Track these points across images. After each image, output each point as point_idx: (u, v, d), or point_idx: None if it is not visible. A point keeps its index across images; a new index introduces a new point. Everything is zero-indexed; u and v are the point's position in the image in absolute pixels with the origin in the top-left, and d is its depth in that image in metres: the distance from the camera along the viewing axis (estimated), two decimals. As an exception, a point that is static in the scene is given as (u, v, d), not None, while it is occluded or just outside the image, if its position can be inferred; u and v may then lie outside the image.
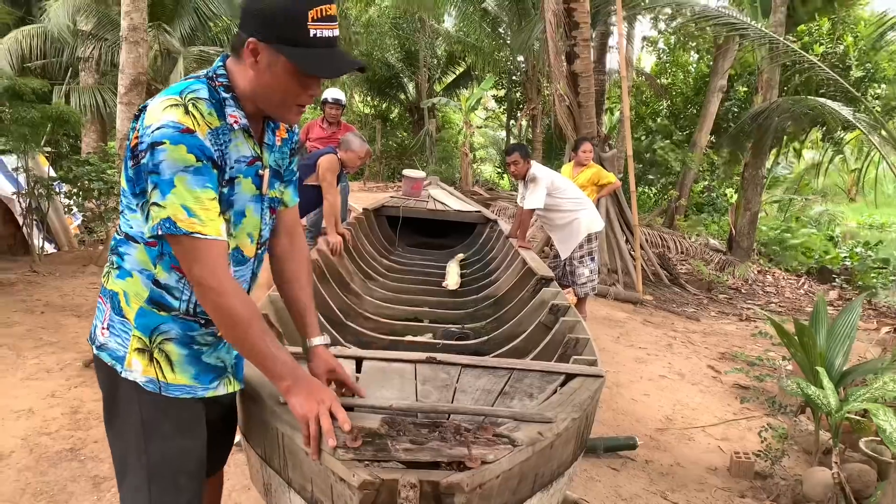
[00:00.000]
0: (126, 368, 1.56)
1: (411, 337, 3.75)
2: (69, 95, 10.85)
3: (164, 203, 1.38)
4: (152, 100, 1.45)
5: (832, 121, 9.44)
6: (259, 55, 1.45)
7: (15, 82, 6.33)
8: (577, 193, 5.75)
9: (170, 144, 1.36)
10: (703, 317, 7.74)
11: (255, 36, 1.43)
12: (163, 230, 1.39)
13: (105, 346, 1.59)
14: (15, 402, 3.61)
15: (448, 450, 1.46)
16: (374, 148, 21.60)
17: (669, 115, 17.10)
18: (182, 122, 1.39)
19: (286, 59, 1.43)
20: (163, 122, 1.37)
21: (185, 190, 1.38)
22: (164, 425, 1.59)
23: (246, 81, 1.51)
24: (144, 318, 1.56)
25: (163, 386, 1.57)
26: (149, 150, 1.37)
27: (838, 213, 18.19)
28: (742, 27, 9.12)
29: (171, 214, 1.38)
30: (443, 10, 18.28)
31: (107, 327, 1.60)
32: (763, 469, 3.52)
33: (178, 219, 1.38)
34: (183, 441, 1.62)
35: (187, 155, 1.38)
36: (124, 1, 8.36)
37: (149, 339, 1.56)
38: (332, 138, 6.49)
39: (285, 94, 1.49)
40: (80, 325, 5.03)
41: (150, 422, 1.58)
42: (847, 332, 3.55)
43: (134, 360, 1.56)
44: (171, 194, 1.38)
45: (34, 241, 7.02)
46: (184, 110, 1.40)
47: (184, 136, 1.38)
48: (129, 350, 1.56)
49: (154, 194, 1.39)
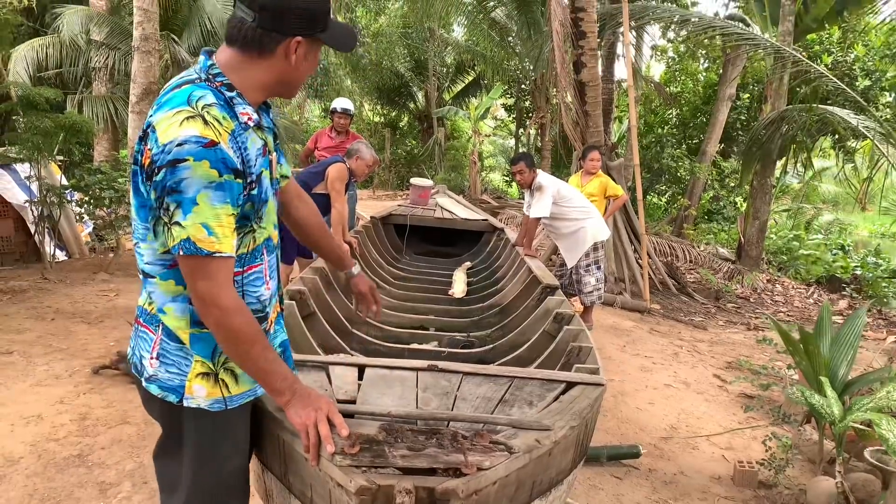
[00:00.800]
0: (187, 396, 1.53)
1: (416, 345, 3.77)
2: (82, 104, 10.99)
3: (185, 223, 1.36)
4: (157, 114, 1.41)
5: (842, 129, 9.41)
6: (298, 49, 1.52)
7: (29, 92, 6.42)
8: (583, 202, 5.76)
9: (194, 161, 1.34)
10: (711, 326, 7.72)
11: (299, 34, 1.50)
12: (184, 251, 1.38)
13: (155, 377, 1.55)
14: (24, 408, 3.65)
15: (444, 456, 1.49)
16: (383, 156, 21.71)
17: (678, 124, 17.09)
18: (204, 135, 1.37)
19: (322, 44, 1.58)
20: (184, 138, 1.34)
21: (207, 207, 1.37)
22: (221, 447, 1.60)
23: (268, 74, 1.53)
24: (201, 342, 1.54)
25: (228, 401, 1.58)
26: (168, 167, 1.34)
27: (849, 222, 18.08)
28: (750, 37, 9.13)
29: (191, 234, 1.36)
30: (452, 19, 18.37)
31: (157, 357, 1.55)
32: (767, 478, 3.51)
33: (198, 238, 1.37)
34: (235, 461, 1.65)
35: (210, 170, 1.36)
36: (136, 12, 8.48)
37: (212, 362, 1.56)
38: (341, 147, 6.54)
39: (308, 74, 1.61)
40: (89, 331, 5.08)
41: (207, 445, 1.59)
42: (851, 341, 3.55)
43: (196, 386, 1.54)
44: (192, 213, 1.36)
45: (45, 249, 7.11)
46: (202, 121, 1.38)
47: (207, 151, 1.36)
48: (190, 377, 1.54)
49: (176, 213, 1.36)
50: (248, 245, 1.59)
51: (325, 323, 3.47)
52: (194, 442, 1.58)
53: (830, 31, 13.10)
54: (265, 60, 1.51)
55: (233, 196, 1.43)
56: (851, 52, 13.16)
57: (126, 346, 4.45)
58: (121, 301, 6.01)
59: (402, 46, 21.09)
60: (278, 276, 1.77)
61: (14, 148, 6.87)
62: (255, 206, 1.55)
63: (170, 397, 1.54)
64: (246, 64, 1.52)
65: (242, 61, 1.52)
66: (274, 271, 1.71)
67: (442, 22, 18.55)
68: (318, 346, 3.08)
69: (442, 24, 19.27)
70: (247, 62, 1.52)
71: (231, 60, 1.52)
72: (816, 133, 11.27)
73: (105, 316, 5.53)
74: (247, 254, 1.59)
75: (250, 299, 1.60)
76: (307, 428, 1.48)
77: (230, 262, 1.45)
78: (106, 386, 4.04)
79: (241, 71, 1.52)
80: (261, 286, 1.63)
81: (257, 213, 1.58)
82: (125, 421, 3.59)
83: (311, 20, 1.51)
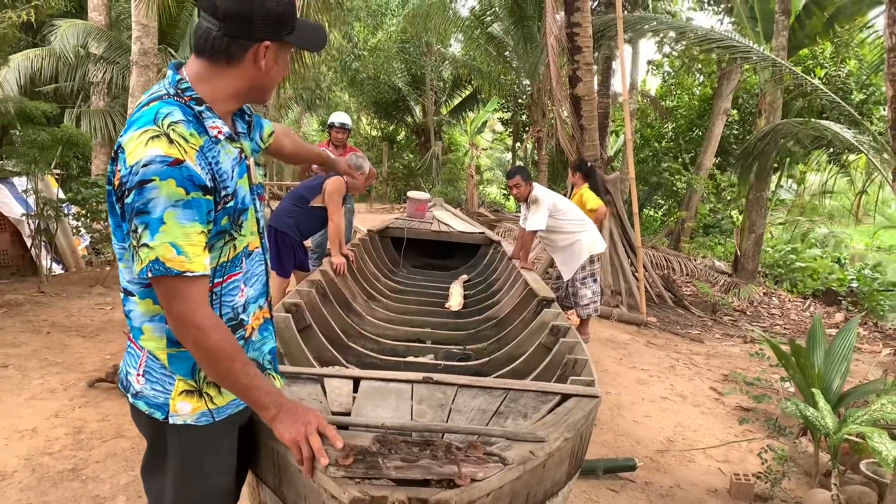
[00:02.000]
0: (172, 414, 1.53)
1: (413, 358, 3.77)
2: (80, 118, 11.02)
3: (153, 244, 1.35)
4: (126, 134, 1.40)
5: (837, 143, 9.47)
6: (268, 54, 1.51)
7: (26, 105, 6.44)
8: (579, 215, 5.79)
9: (160, 181, 1.34)
10: (707, 339, 7.72)
11: (267, 38, 1.49)
12: (152, 272, 1.37)
13: (141, 394, 1.56)
14: (19, 422, 3.64)
15: (438, 468, 1.49)
16: (380, 170, 21.77)
17: (674, 138, 17.18)
18: (168, 153, 1.36)
19: (292, 46, 1.57)
20: (149, 158, 1.34)
21: (174, 225, 1.36)
22: (203, 465, 1.60)
23: (239, 82, 1.53)
24: (179, 361, 1.54)
25: (215, 413, 1.58)
26: (137, 188, 1.34)
27: (845, 235, 18.14)
28: (744, 50, 9.20)
29: (160, 255, 1.35)
30: (449, 34, 18.50)
31: (143, 374, 1.55)
32: (763, 491, 3.51)
33: (166, 258, 1.36)
34: (219, 479, 1.64)
35: (177, 189, 1.35)
36: (135, 26, 8.54)
37: (193, 379, 1.55)
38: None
39: (280, 77, 1.60)
40: (85, 345, 5.08)
41: (191, 463, 1.58)
42: (844, 354, 3.56)
43: (180, 404, 1.54)
44: (159, 233, 1.35)
45: (42, 262, 7.10)
46: (167, 140, 1.37)
47: (172, 170, 1.35)
48: (174, 396, 1.54)
49: (144, 235, 1.35)
50: (228, 254, 1.57)
51: (321, 336, 3.47)
52: (179, 458, 1.58)
53: (823, 47, 13.21)
54: (234, 69, 1.51)
55: (201, 214, 1.41)
56: (844, 66, 13.27)
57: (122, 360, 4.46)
58: (117, 314, 6.00)
59: (399, 61, 21.20)
60: (266, 282, 1.76)
61: (11, 161, 6.88)
62: (231, 218, 1.54)
63: (156, 414, 1.55)
64: (216, 74, 1.51)
65: (212, 71, 1.51)
66: (252, 277, 1.68)
67: (440, 37, 18.68)
68: (313, 359, 3.09)
69: (440, 40, 19.41)
70: (216, 72, 1.51)
71: (201, 71, 1.51)
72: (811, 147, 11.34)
73: (101, 329, 5.52)
74: (227, 263, 1.57)
75: (225, 308, 1.58)
76: (298, 444, 1.46)
77: (203, 280, 1.43)
78: (101, 399, 4.03)
79: (211, 81, 1.51)
80: (236, 295, 1.61)
81: (236, 223, 1.57)
82: (120, 434, 3.58)
83: (277, 23, 1.50)
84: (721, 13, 15.65)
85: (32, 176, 6.66)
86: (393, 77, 21.47)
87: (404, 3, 20.79)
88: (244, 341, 1.64)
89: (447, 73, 22.77)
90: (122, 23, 12.71)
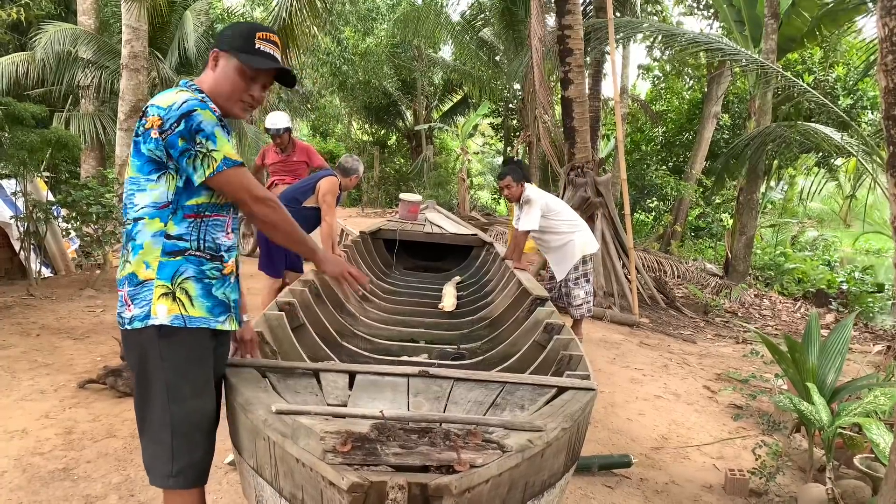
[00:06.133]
0: (152, 317, 1.86)
1: (407, 357, 3.75)
2: (69, 122, 10.95)
3: (217, 148, 1.84)
4: (153, 99, 1.88)
5: (826, 146, 9.54)
6: (219, 60, 1.99)
7: (15, 107, 6.38)
8: (572, 215, 5.79)
9: (201, 110, 1.83)
10: (700, 339, 7.74)
11: (219, 47, 1.99)
12: (226, 166, 1.86)
13: (134, 317, 1.88)
14: (9, 423, 3.59)
15: (437, 454, 1.48)
16: (372, 174, 21.75)
17: (664, 142, 17.26)
18: (198, 98, 1.88)
19: (237, 60, 1.96)
20: (185, 98, 1.84)
21: (222, 138, 1.87)
22: (184, 387, 1.90)
23: (209, 83, 1.99)
24: (166, 268, 1.89)
25: (186, 319, 1.89)
26: (183, 118, 1.81)
27: (834, 238, 18.27)
28: (733, 53, 9.26)
29: (226, 154, 1.86)
30: (440, 39, 18.52)
31: (130, 301, 1.90)
32: (758, 486, 3.51)
33: (230, 154, 1.87)
34: (200, 402, 1.94)
35: (213, 117, 1.87)
36: (125, 29, 8.50)
37: (171, 282, 1.89)
38: (288, 162, 6.45)
39: (233, 88, 1.98)
40: (75, 347, 5.02)
41: (174, 384, 1.89)
42: (839, 349, 3.57)
43: (159, 306, 1.87)
44: (217, 140, 1.84)
45: (31, 266, 7.03)
46: (193, 92, 1.91)
47: (206, 104, 1.87)
48: (153, 301, 1.87)
49: (208, 144, 1.83)
50: (221, 198, 1.97)
51: (314, 335, 3.45)
52: (163, 375, 1.88)
53: (812, 51, 13.30)
54: (207, 73, 2.01)
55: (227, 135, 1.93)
56: (832, 71, 13.38)
57: (113, 362, 4.42)
58: (107, 317, 5.95)
59: (389, 66, 21.20)
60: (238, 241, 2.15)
61: (-1, 163, 6.82)
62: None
63: (146, 322, 1.87)
64: (204, 78, 2.01)
65: (204, 75, 2.02)
66: (235, 230, 2.08)
67: (430, 42, 18.70)
68: (307, 358, 3.07)
69: (430, 44, 19.42)
70: (204, 76, 2.02)
71: (201, 77, 2.03)
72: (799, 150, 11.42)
73: (91, 331, 5.47)
74: (217, 203, 1.97)
75: (208, 239, 1.96)
76: (343, 273, 2.18)
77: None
78: (92, 400, 3.99)
79: (202, 84, 2.00)
80: (220, 233, 1.99)
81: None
82: (111, 434, 3.55)
83: (229, 39, 1.98)
84: (710, 18, 15.75)
85: (21, 178, 6.60)
86: (384, 82, 21.47)
87: (394, 7, 20.83)
88: (221, 276, 2.00)
89: (438, 77, 22.80)
90: (112, 26, 12.67)
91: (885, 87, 2.11)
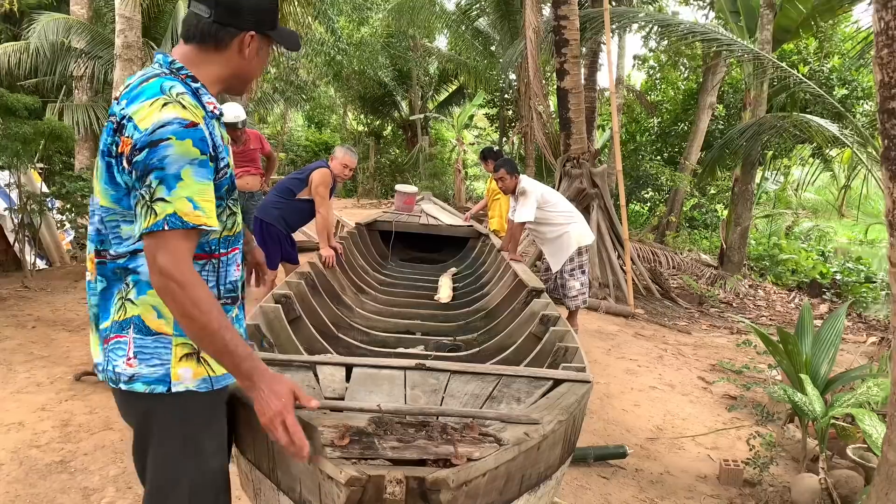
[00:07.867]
0: (174, 382, 1.54)
1: (403, 349, 3.76)
2: (63, 113, 10.88)
3: (170, 198, 1.40)
4: (132, 106, 1.46)
5: (820, 137, 9.55)
6: (251, 44, 1.62)
7: (8, 98, 6.34)
8: (567, 207, 5.80)
9: (176, 140, 1.41)
10: (695, 330, 7.78)
11: (253, 29, 1.61)
12: (169, 225, 1.39)
13: (136, 376, 1.54)
14: (5, 416, 3.60)
15: (434, 448, 1.49)
16: (367, 165, 21.68)
17: (659, 133, 17.25)
18: (185, 117, 1.44)
19: (272, 42, 1.69)
20: (167, 120, 1.42)
21: (192, 182, 1.42)
22: (205, 441, 1.60)
23: (224, 68, 1.63)
24: None
25: (213, 381, 1.59)
26: (148, 147, 1.40)
27: (828, 228, 18.32)
28: (729, 43, 9.26)
29: (177, 209, 1.40)
30: (435, 28, 18.44)
31: (134, 356, 1.53)
32: (752, 476, 3.54)
33: (184, 213, 1.40)
34: (220, 459, 1.66)
35: (193, 149, 1.43)
36: (119, 19, 8.44)
37: None
38: (246, 152, 6.25)
39: (259, 70, 1.71)
40: (70, 339, 5.02)
41: (192, 439, 1.58)
42: (832, 340, 3.60)
43: (181, 369, 1.54)
44: (177, 188, 1.40)
45: (26, 258, 7.01)
46: (181, 106, 1.46)
47: (189, 131, 1.43)
48: (174, 363, 1.54)
49: (159, 190, 1.40)
50: (233, 228, 1.66)
51: (310, 327, 3.46)
52: (181, 435, 1.57)
53: (807, 42, 13.29)
54: (221, 55, 1.62)
55: (211, 175, 1.50)
56: (828, 61, 13.38)
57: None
58: (103, 309, 5.94)
59: (385, 56, 21.09)
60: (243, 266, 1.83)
61: (-8, 155, 6.77)
62: (228, 189, 1.62)
63: (158, 388, 1.53)
64: (203, 59, 1.61)
65: (200, 56, 1.61)
66: (242, 258, 1.76)
67: (426, 31, 18.62)
68: (303, 350, 3.08)
69: (426, 34, 19.33)
70: (204, 57, 1.61)
71: (189, 56, 1.61)
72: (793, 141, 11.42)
73: (87, 323, 5.43)
74: (231, 236, 1.66)
75: (227, 282, 1.65)
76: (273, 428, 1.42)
77: (197, 237, 1.48)
78: (88, 393, 3.99)
79: (198, 66, 1.61)
80: (234, 268, 1.68)
81: (231, 197, 1.65)
82: (108, 427, 3.55)
83: (262, 18, 1.63)
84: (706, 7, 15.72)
85: (15, 170, 6.56)
86: (379, 72, 21.37)
87: (389, -3, 20.72)
88: (236, 316, 1.70)
89: (433, 67, 22.70)
90: (105, 16, 12.56)
91: (881, 81, 2.12)
